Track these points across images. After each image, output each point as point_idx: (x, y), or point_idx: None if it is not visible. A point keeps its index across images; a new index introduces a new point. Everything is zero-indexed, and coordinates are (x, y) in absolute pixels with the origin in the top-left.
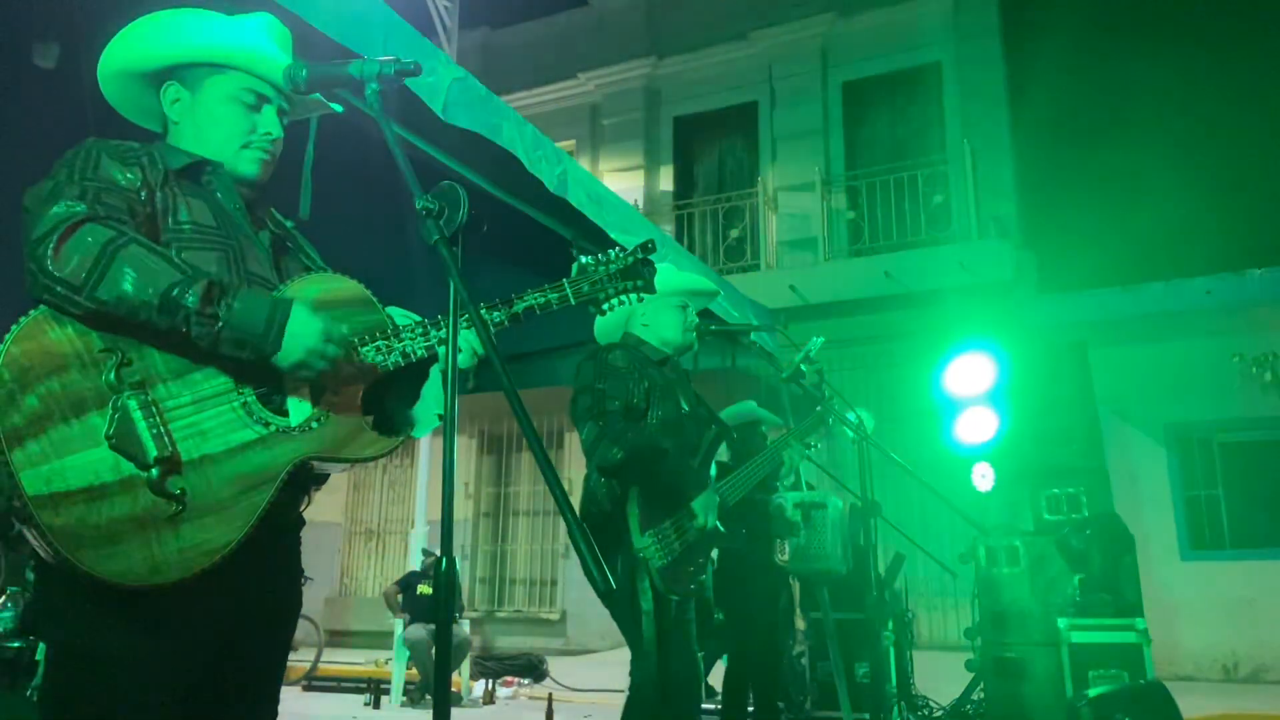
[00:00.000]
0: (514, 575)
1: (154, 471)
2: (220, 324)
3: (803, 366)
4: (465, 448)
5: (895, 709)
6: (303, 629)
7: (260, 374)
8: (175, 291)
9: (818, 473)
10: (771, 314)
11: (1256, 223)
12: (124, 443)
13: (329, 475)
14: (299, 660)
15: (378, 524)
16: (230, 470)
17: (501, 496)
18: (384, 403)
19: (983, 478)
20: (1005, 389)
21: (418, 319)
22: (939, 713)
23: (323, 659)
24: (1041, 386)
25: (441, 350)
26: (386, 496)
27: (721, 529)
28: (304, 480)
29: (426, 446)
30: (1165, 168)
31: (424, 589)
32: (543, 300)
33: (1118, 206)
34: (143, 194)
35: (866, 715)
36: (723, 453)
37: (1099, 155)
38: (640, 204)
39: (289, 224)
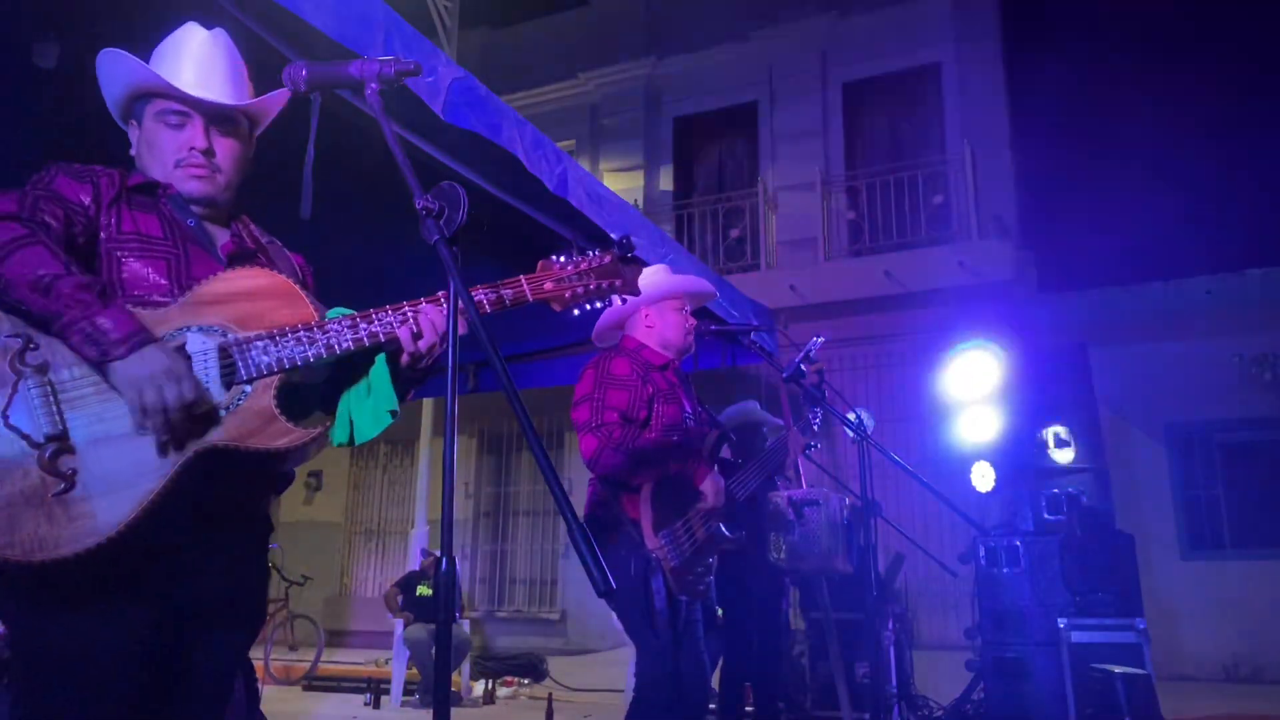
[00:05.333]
0: (514, 575)
1: (45, 450)
2: (86, 310)
3: (803, 366)
4: (465, 448)
5: (895, 709)
6: (303, 629)
7: None
8: (54, 276)
9: (818, 473)
10: (771, 314)
11: (1256, 223)
12: (17, 419)
13: (266, 471)
14: (299, 660)
15: (378, 524)
16: (128, 453)
17: (501, 496)
18: (316, 395)
19: (983, 478)
20: (1005, 389)
21: (350, 313)
22: (939, 713)
23: (323, 659)
24: (1042, 386)
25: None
26: (386, 496)
27: (728, 534)
28: (222, 471)
29: (426, 446)
30: (1165, 168)
31: (424, 589)
32: (494, 296)
33: (1118, 206)
34: (91, 209)
35: (866, 715)
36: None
37: (1099, 155)
38: (640, 204)
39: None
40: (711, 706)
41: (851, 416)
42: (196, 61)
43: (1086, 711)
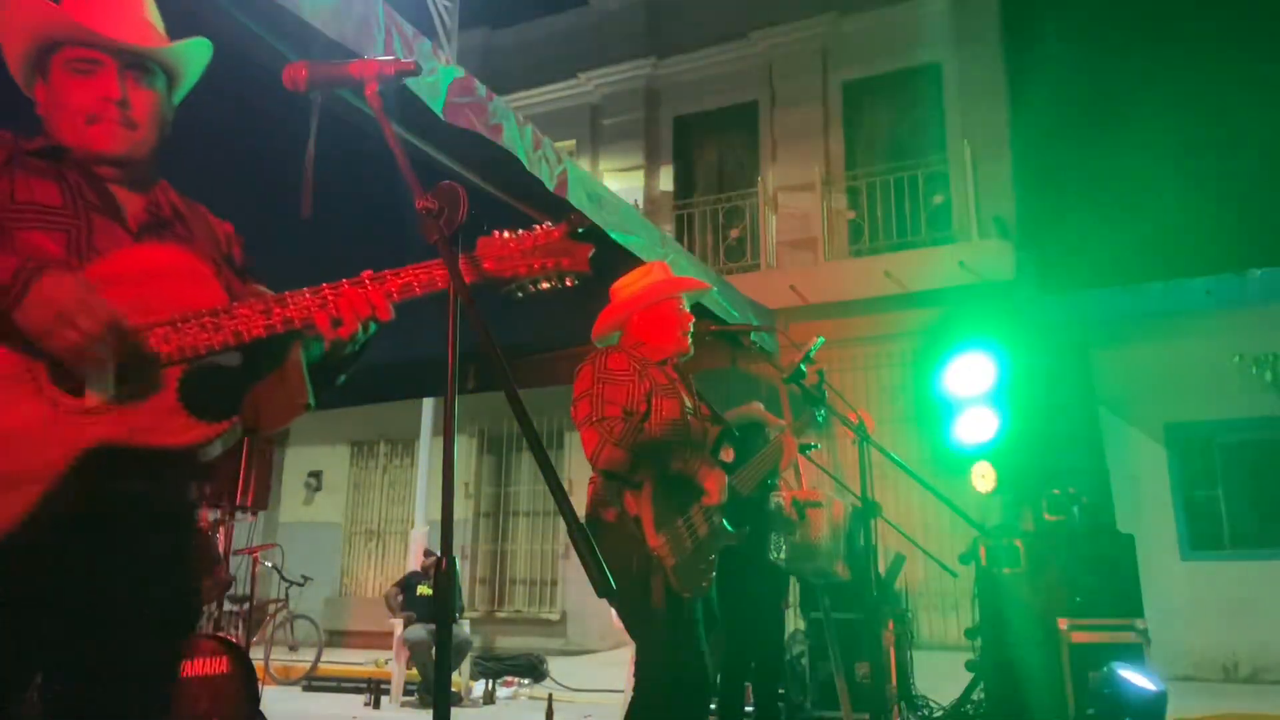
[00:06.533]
0: (514, 575)
1: None
2: None
3: (802, 366)
4: (465, 448)
5: (895, 709)
6: (303, 629)
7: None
8: None
9: (818, 473)
10: (771, 314)
11: (1256, 223)
12: None
13: (180, 467)
14: (299, 660)
15: (378, 524)
16: (16, 454)
17: (501, 496)
18: (231, 382)
19: (983, 478)
20: (1005, 389)
21: (271, 295)
22: (939, 713)
23: (323, 659)
24: (1042, 387)
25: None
26: (386, 496)
27: (730, 529)
28: (125, 470)
29: (426, 446)
30: (1165, 167)
31: (424, 589)
32: (409, 281)
33: (1118, 206)
34: None
35: (866, 715)
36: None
37: (1099, 155)
38: (640, 204)
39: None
40: (711, 706)
41: (852, 417)
42: (106, 3)
43: (1087, 711)
